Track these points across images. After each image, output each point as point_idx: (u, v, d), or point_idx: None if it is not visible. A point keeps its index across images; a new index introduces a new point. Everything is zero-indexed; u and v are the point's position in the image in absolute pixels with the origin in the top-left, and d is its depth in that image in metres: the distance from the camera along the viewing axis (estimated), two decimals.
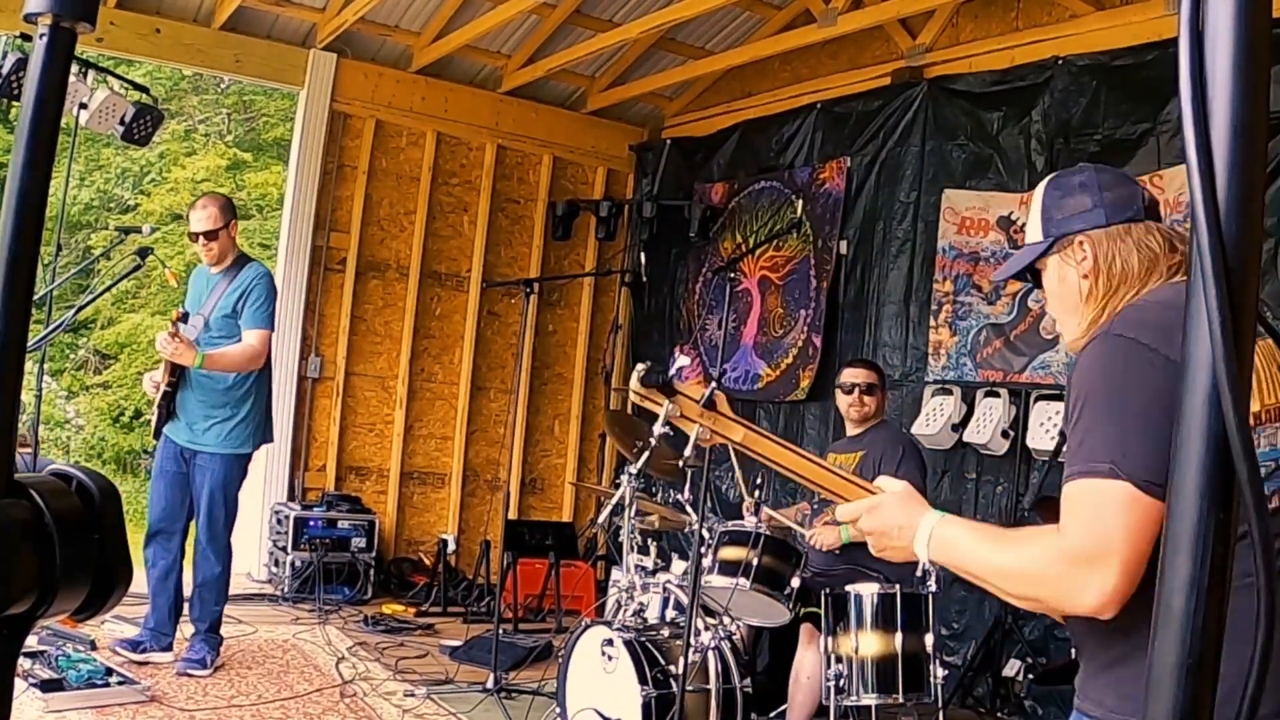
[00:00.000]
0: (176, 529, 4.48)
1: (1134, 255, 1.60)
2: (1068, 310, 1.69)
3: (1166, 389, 1.39)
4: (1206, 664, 0.58)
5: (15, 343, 0.61)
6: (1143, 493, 1.35)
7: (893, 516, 1.60)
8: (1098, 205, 1.64)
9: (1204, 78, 0.56)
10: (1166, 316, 1.47)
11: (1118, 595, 1.35)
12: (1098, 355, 1.47)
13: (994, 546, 1.49)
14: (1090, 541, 1.36)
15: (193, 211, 4.53)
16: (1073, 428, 1.44)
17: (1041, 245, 1.68)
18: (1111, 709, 1.49)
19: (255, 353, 4.40)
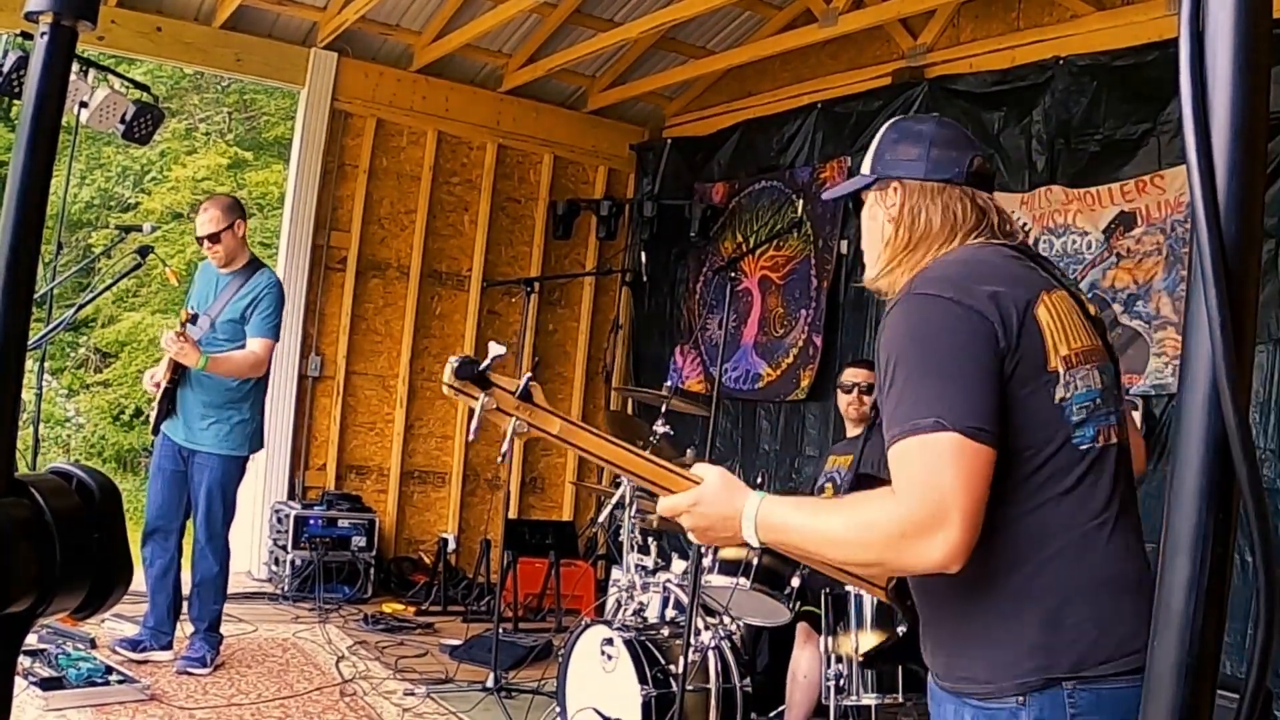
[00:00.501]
0: (174, 527, 4.47)
1: (939, 215, 1.62)
2: (871, 247, 1.72)
3: (973, 338, 1.42)
4: (1206, 664, 0.58)
5: (15, 342, 0.61)
6: (971, 440, 1.36)
7: (715, 508, 1.55)
8: (922, 157, 1.66)
9: (1204, 78, 0.56)
10: (963, 270, 1.51)
11: (963, 548, 1.34)
12: (903, 316, 1.47)
13: (826, 519, 1.47)
14: (928, 499, 1.35)
15: (197, 215, 4.54)
16: (888, 392, 1.43)
17: (866, 179, 1.72)
18: (988, 679, 1.46)
19: (258, 360, 4.40)
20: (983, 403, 1.38)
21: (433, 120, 7.01)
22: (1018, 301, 1.46)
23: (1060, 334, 1.48)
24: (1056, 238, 4.96)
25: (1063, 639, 1.42)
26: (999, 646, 1.45)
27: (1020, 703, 1.43)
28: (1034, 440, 1.44)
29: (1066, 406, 1.47)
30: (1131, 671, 1.43)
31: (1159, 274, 4.54)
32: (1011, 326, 1.43)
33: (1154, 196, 4.60)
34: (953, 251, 1.59)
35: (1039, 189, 5.04)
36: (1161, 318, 4.51)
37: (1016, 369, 1.43)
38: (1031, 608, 1.44)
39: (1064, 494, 1.45)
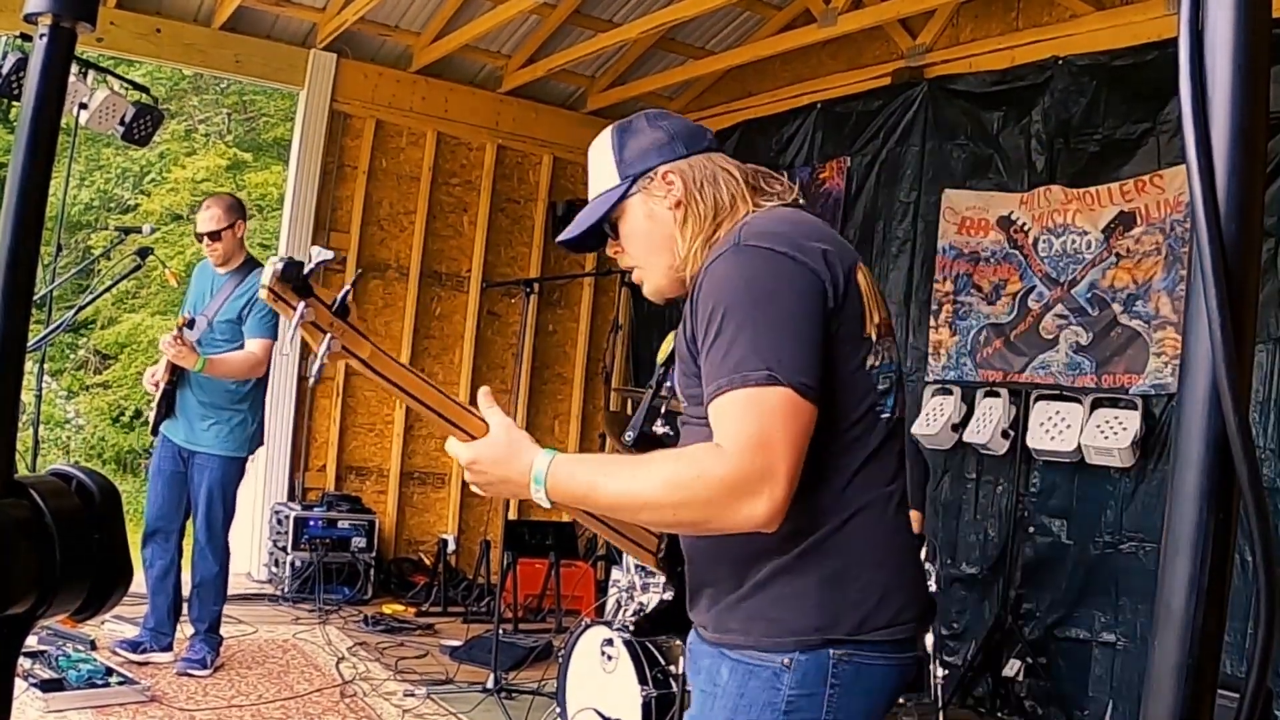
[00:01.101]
0: (174, 528, 4.47)
1: (719, 184, 1.58)
2: (658, 248, 1.60)
3: (806, 291, 1.39)
4: (1206, 664, 0.58)
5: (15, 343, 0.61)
6: (801, 397, 1.33)
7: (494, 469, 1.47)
8: (672, 139, 1.61)
9: (1204, 78, 0.56)
10: (790, 228, 1.47)
11: (783, 508, 1.33)
12: (733, 266, 1.41)
13: (638, 478, 1.39)
14: (758, 457, 1.31)
15: (199, 212, 4.54)
16: (712, 341, 1.38)
17: (621, 187, 1.61)
18: (763, 634, 1.45)
19: (257, 361, 4.40)
20: (812, 359, 1.36)
21: (432, 121, 7.01)
22: (844, 263, 1.44)
23: (873, 302, 1.48)
24: (1056, 238, 4.96)
25: (847, 600, 1.42)
26: (781, 602, 1.44)
27: (785, 664, 1.42)
28: (846, 403, 1.43)
29: (876, 374, 1.47)
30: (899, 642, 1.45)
31: (1158, 274, 4.54)
32: (840, 286, 1.42)
33: (1153, 196, 4.60)
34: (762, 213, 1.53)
35: (1038, 189, 5.04)
36: (1161, 317, 4.51)
37: (840, 329, 1.42)
38: (820, 568, 1.43)
39: (866, 459, 1.45)
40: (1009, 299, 5.13)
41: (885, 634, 1.43)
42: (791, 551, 1.43)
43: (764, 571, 1.45)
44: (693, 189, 1.57)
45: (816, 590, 1.43)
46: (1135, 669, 4.42)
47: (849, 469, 1.44)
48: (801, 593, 1.43)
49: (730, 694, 1.48)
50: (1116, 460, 4.52)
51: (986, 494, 5.17)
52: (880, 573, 1.45)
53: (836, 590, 1.43)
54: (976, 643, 4.92)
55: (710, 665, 1.52)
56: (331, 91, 6.61)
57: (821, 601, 1.42)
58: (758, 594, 1.46)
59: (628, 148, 1.62)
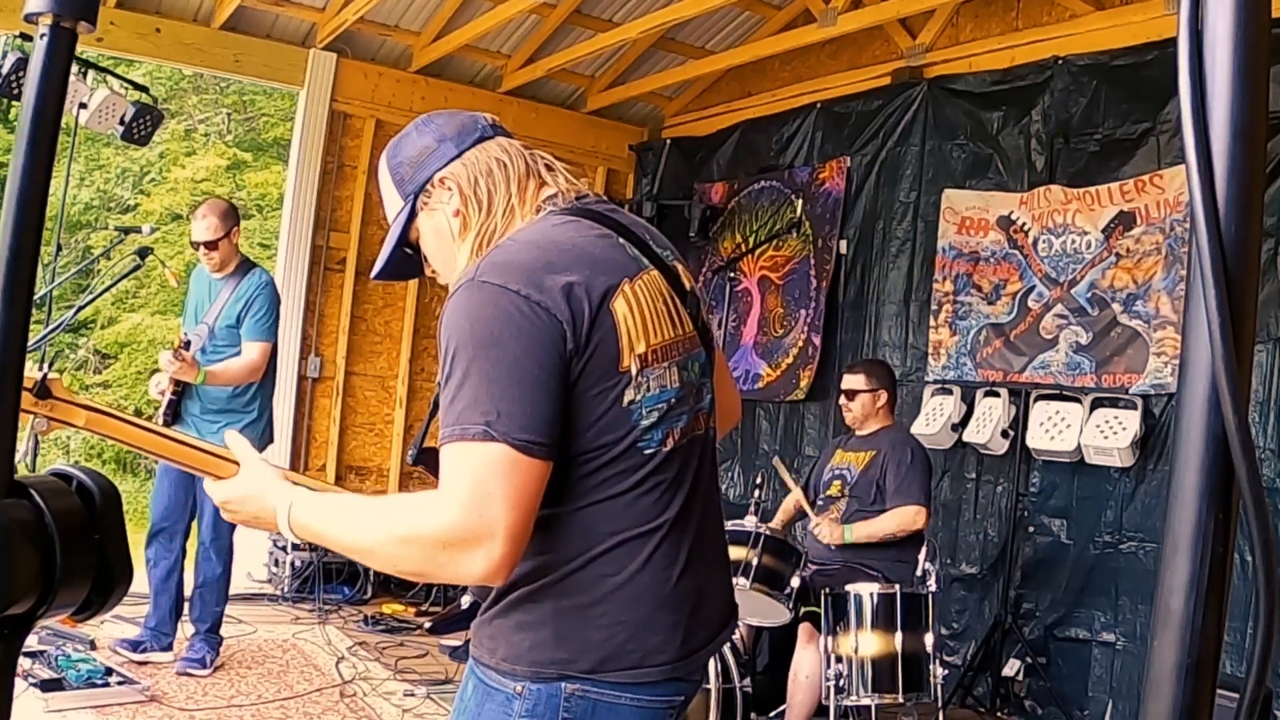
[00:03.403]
0: (179, 528, 4.48)
1: (495, 171, 1.52)
2: (450, 259, 1.53)
3: (538, 337, 1.31)
4: (1206, 664, 0.58)
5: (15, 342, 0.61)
6: (521, 454, 1.27)
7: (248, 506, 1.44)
8: (441, 140, 1.53)
9: (1204, 78, 0.56)
10: (535, 256, 1.37)
11: (506, 564, 1.28)
12: (465, 305, 1.34)
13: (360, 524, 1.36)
14: (473, 515, 1.26)
15: (194, 220, 4.54)
16: (444, 383, 1.33)
17: (405, 209, 1.53)
18: (503, 658, 1.43)
19: (255, 365, 4.41)
20: (539, 413, 1.30)
21: None
22: (593, 293, 1.35)
23: (639, 329, 1.39)
24: (1056, 237, 4.96)
25: (591, 639, 1.38)
26: (524, 630, 1.41)
27: (518, 691, 1.40)
28: (596, 443, 1.37)
29: (636, 409, 1.39)
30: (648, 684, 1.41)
31: (1158, 274, 4.54)
32: (583, 326, 1.33)
33: (1153, 196, 4.60)
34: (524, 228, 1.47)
35: (1038, 189, 5.04)
36: (1161, 317, 4.51)
37: (584, 370, 1.34)
38: (560, 603, 1.39)
39: (617, 496, 1.39)
40: (1009, 299, 5.13)
41: (630, 675, 1.39)
42: (537, 583, 1.40)
43: (513, 595, 1.42)
44: (468, 190, 1.50)
45: (555, 623, 1.39)
46: (1135, 669, 4.42)
47: (596, 506, 1.38)
48: (540, 624, 1.40)
49: (469, 712, 1.47)
50: (1116, 460, 4.52)
51: (986, 494, 5.17)
52: (630, 612, 1.40)
53: (577, 626, 1.39)
54: (976, 642, 4.92)
55: (466, 676, 1.51)
56: (331, 91, 6.61)
57: (560, 635, 1.39)
58: (506, 616, 1.43)
59: (402, 165, 1.54)
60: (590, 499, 1.38)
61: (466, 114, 1.60)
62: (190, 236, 4.60)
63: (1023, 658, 4.75)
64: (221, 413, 4.42)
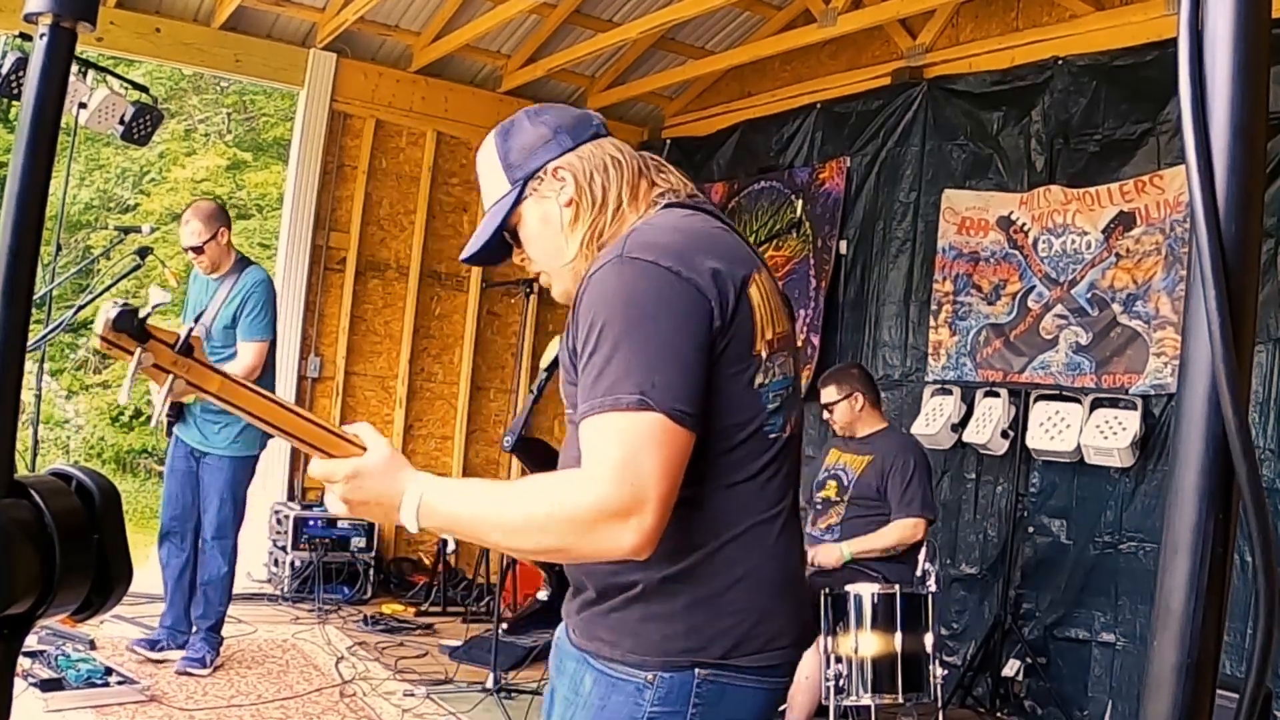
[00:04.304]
0: (189, 528, 4.50)
1: (610, 169, 1.52)
2: (554, 250, 1.54)
3: (690, 312, 1.33)
4: (1206, 664, 0.58)
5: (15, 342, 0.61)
6: (675, 424, 1.28)
7: (373, 484, 1.39)
8: (556, 132, 1.54)
9: (1204, 78, 0.56)
10: (680, 239, 1.39)
11: (654, 536, 1.28)
12: (614, 279, 1.34)
13: (502, 504, 1.35)
14: (625, 485, 1.25)
15: (181, 225, 4.53)
16: (588, 358, 1.32)
17: (512, 192, 1.55)
18: (630, 649, 1.42)
19: (251, 367, 4.40)
20: (692, 384, 1.31)
21: (432, 121, 7.01)
22: (734, 279, 1.38)
23: (767, 317, 1.42)
24: (1056, 238, 4.96)
25: (721, 625, 1.39)
26: (653, 621, 1.40)
27: (649, 680, 1.39)
28: (730, 424, 1.38)
29: (764, 392, 1.41)
30: (770, 668, 1.42)
31: (1158, 274, 4.54)
32: (728, 306, 1.36)
33: (1153, 196, 4.60)
34: (653, 217, 1.48)
35: (1038, 189, 5.04)
36: (1161, 317, 4.51)
37: (725, 350, 1.36)
38: (695, 589, 1.39)
39: (747, 480, 1.41)
40: (1009, 299, 5.13)
41: (756, 659, 1.41)
42: (666, 571, 1.39)
43: (638, 587, 1.41)
44: (583, 182, 1.50)
45: (688, 613, 1.39)
46: (1135, 669, 4.42)
47: (729, 491, 1.40)
48: (672, 614, 1.40)
49: (592, 705, 1.45)
50: (1116, 460, 4.52)
51: (986, 494, 5.17)
52: (757, 598, 1.41)
53: (709, 614, 1.40)
54: (976, 642, 4.92)
55: (575, 671, 1.50)
56: (331, 91, 6.61)
57: (693, 624, 1.39)
58: (629, 608, 1.42)
59: (512, 150, 1.55)
60: (723, 481, 1.39)
61: (579, 110, 1.61)
62: (180, 242, 4.61)
63: (1022, 658, 4.75)
64: (223, 412, 4.41)
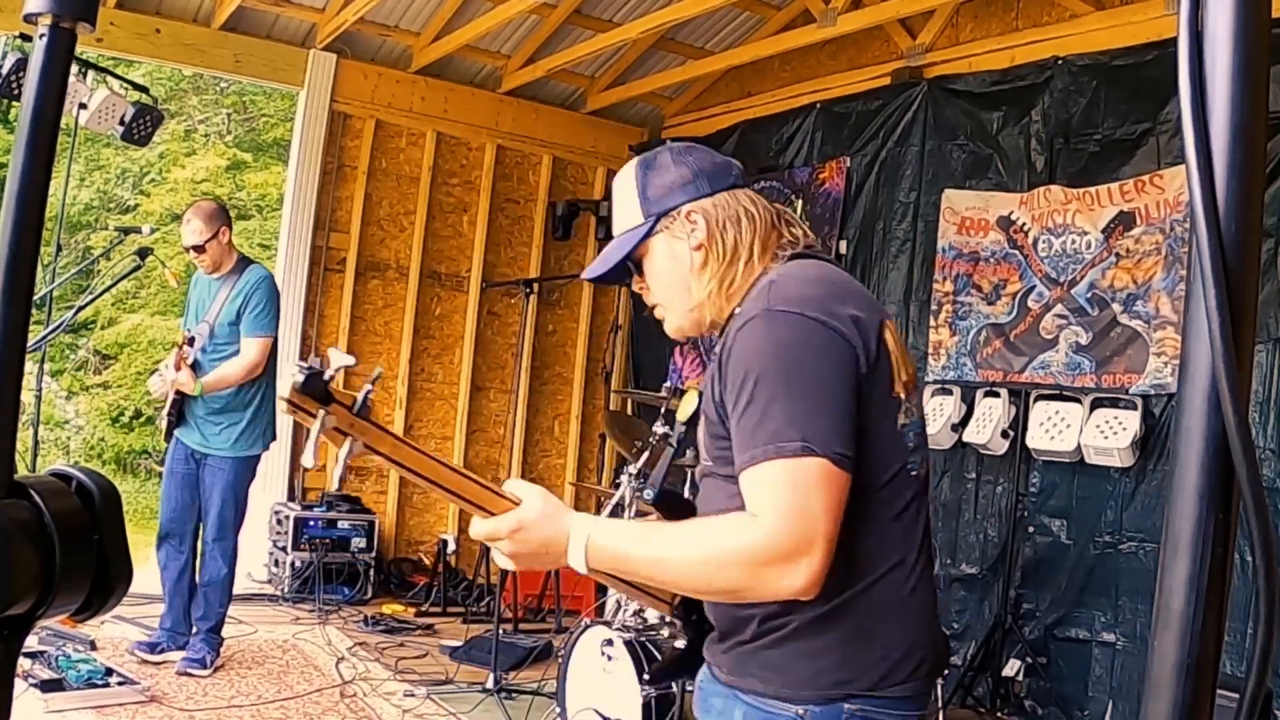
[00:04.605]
0: (188, 530, 4.50)
1: (743, 221, 1.56)
2: (678, 289, 1.59)
3: (839, 359, 1.38)
4: (1206, 664, 0.58)
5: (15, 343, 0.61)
6: (837, 467, 1.33)
7: (537, 533, 1.42)
8: (696, 176, 1.58)
9: (1204, 78, 0.56)
10: (819, 290, 1.45)
11: (823, 575, 1.33)
12: (764, 332, 1.40)
13: (675, 547, 1.39)
14: (796, 527, 1.31)
15: (182, 225, 4.55)
16: (744, 409, 1.38)
17: (644, 226, 1.58)
18: (783, 684, 1.45)
19: (253, 363, 4.41)
20: (846, 428, 1.36)
21: (432, 121, 7.01)
22: (873, 325, 1.44)
23: (901, 361, 1.47)
24: (1056, 238, 4.96)
25: (871, 658, 1.43)
26: (805, 657, 1.44)
27: (800, 714, 1.43)
28: (878, 464, 1.43)
29: (905, 433, 1.47)
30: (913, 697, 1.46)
31: (1158, 274, 4.54)
32: (871, 351, 1.41)
33: (1153, 196, 4.60)
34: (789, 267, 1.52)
35: (1038, 189, 5.04)
36: (1161, 317, 4.51)
37: (872, 393, 1.42)
38: (845, 626, 1.43)
39: (894, 518, 1.46)
40: (1009, 299, 5.13)
41: (902, 689, 1.45)
42: (820, 609, 1.42)
43: (790, 626, 1.45)
44: (715, 230, 1.55)
45: (841, 647, 1.44)
46: (1135, 669, 4.42)
47: (879, 529, 1.44)
48: (825, 649, 1.44)
49: None
50: (1116, 460, 4.52)
51: (986, 494, 5.17)
52: (905, 629, 1.46)
53: (861, 647, 1.44)
54: (976, 642, 4.92)
55: (724, 707, 1.53)
56: (331, 91, 6.61)
57: (845, 658, 1.43)
58: (782, 646, 1.46)
59: (651, 185, 1.59)
60: (873, 519, 1.44)
61: (721, 156, 1.64)
62: (181, 242, 4.62)
63: (1023, 658, 4.74)
64: (224, 413, 4.44)
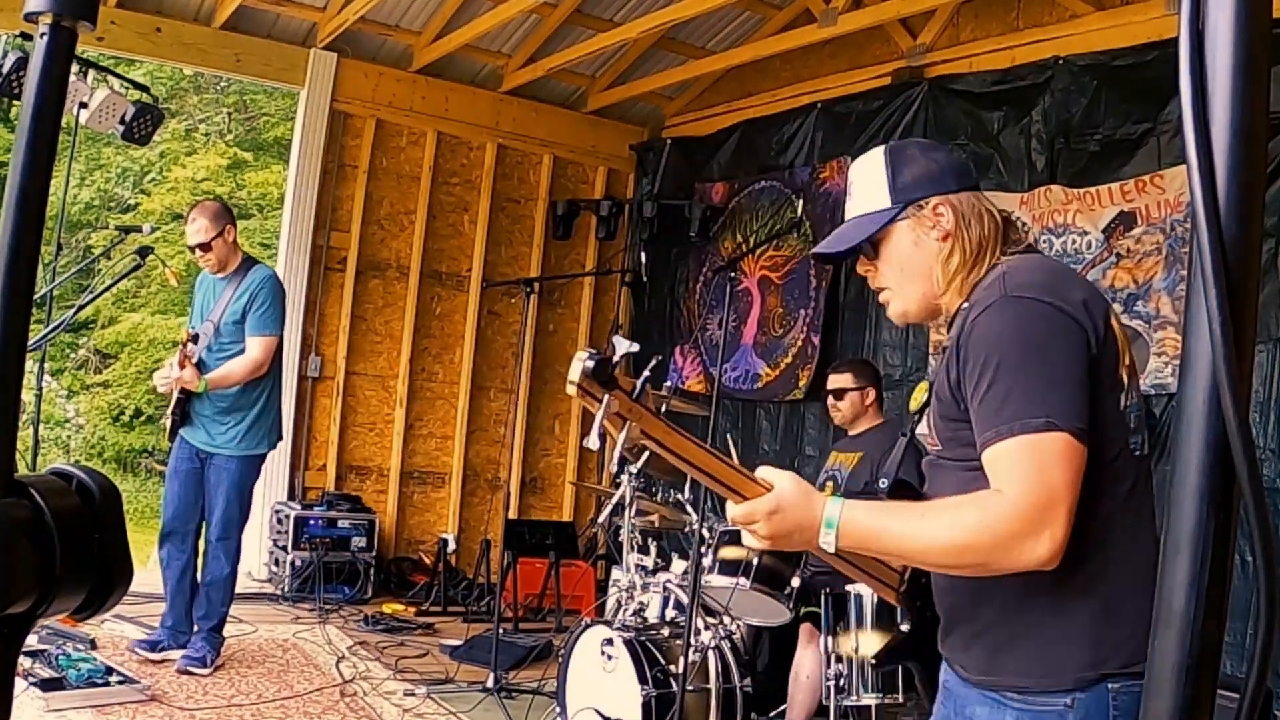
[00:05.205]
0: (190, 529, 4.50)
1: (985, 221, 1.63)
2: (917, 275, 1.66)
3: (1073, 340, 1.45)
4: (1206, 663, 0.58)
5: (15, 342, 0.61)
6: (1077, 440, 1.40)
7: (793, 515, 1.50)
8: (945, 171, 1.66)
9: (1204, 78, 0.56)
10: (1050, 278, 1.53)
11: (1064, 545, 1.38)
12: (1002, 318, 1.48)
13: (924, 523, 1.46)
14: (1040, 496, 1.37)
15: (186, 224, 4.55)
16: (985, 390, 1.45)
17: (891, 210, 1.65)
18: (1043, 675, 1.48)
19: (257, 362, 4.42)
20: (1084, 404, 1.43)
21: (432, 120, 7.01)
22: (1099, 310, 1.51)
23: (1125, 346, 1.55)
24: (1056, 237, 4.96)
25: (1119, 634, 1.45)
26: (1054, 642, 1.48)
27: (1069, 704, 1.45)
28: (1108, 443, 1.48)
29: (1128, 414, 1.53)
30: None
31: (1159, 274, 4.54)
32: (1099, 333, 1.48)
33: (1154, 196, 4.60)
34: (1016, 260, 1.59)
35: (1039, 189, 5.03)
36: (1161, 317, 4.51)
37: (1099, 374, 1.48)
38: (1089, 603, 1.47)
39: (1126, 495, 1.50)
40: None
41: None
42: (1062, 591, 1.46)
43: (1035, 612, 1.48)
44: (961, 224, 1.62)
45: (1091, 627, 1.46)
46: None
47: (1113, 506, 1.48)
48: (1076, 632, 1.47)
49: None
50: None
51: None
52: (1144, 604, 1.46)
53: (1108, 625, 1.46)
54: None
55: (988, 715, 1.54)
56: (332, 91, 6.61)
57: (1097, 638, 1.46)
58: (1032, 635, 1.49)
59: (901, 173, 1.66)
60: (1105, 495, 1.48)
61: (961, 159, 1.75)
62: (185, 242, 4.62)
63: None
64: (230, 412, 4.44)
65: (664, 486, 5.64)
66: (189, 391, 4.40)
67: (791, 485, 1.52)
